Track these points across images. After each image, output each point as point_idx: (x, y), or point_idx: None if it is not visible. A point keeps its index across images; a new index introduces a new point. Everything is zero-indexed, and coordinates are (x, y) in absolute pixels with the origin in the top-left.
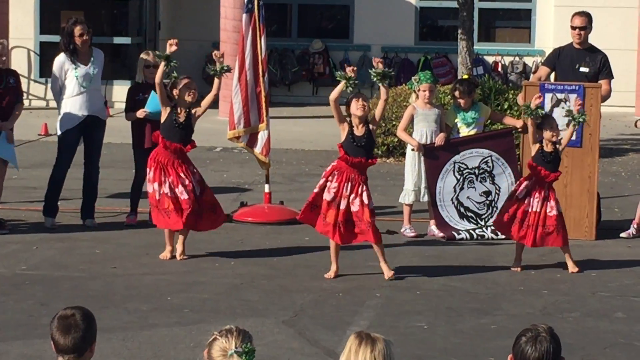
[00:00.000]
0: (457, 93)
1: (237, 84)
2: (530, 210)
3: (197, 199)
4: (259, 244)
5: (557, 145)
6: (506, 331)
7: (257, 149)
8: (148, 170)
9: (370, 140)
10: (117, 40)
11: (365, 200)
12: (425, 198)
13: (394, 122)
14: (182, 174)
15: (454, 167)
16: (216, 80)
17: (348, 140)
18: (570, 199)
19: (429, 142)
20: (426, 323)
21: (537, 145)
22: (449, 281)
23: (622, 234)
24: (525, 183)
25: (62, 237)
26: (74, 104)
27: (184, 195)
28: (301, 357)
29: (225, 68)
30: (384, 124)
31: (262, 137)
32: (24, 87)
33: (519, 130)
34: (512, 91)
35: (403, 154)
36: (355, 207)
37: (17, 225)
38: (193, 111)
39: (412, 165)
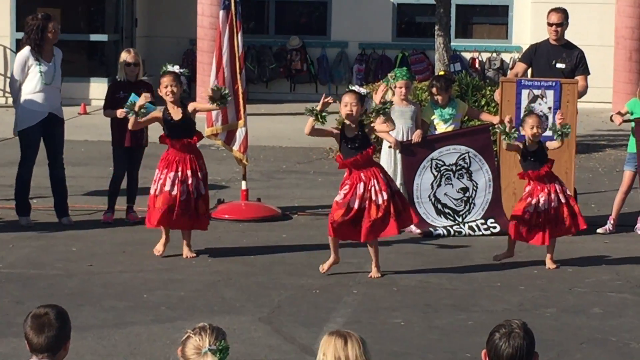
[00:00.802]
0: (434, 89)
1: (214, 81)
2: (540, 210)
3: (196, 198)
4: (236, 241)
5: (543, 145)
6: (483, 327)
7: (235, 146)
8: (159, 172)
9: (365, 138)
10: (94, 37)
11: (373, 197)
12: None
13: (371, 119)
14: (189, 171)
15: (431, 163)
16: (211, 105)
17: (343, 145)
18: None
19: (405, 139)
20: (403, 319)
21: (520, 144)
22: (426, 277)
23: (599, 230)
24: (527, 189)
25: (38, 235)
26: (34, 100)
27: (183, 196)
28: (278, 354)
29: (221, 97)
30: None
31: (239, 134)
32: (0, 85)
33: (496, 126)
34: (489, 87)
35: (380, 150)
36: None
37: None
38: (190, 107)
39: (388, 162)
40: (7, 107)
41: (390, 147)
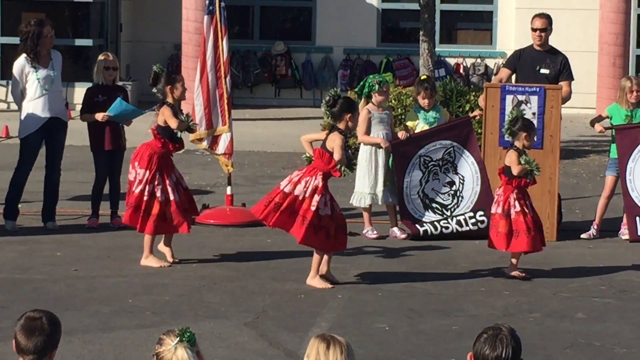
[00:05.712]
0: (425, 93)
1: (198, 86)
2: (520, 219)
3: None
4: (221, 246)
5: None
6: (467, 332)
7: (220, 151)
8: (140, 170)
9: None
10: (79, 42)
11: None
12: (381, 201)
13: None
14: (174, 175)
15: (420, 160)
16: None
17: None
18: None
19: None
20: (387, 324)
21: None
22: (411, 282)
23: (583, 235)
24: (501, 189)
25: (23, 240)
26: (36, 106)
27: (176, 197)
28: (263, 358)
29: (187, 128)
30: None
31: (224, 139)
32: None
33: (476, 118)
34: (473, 93)
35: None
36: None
37: None
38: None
39: (369, 169)
40: None
41: (380, 147)
